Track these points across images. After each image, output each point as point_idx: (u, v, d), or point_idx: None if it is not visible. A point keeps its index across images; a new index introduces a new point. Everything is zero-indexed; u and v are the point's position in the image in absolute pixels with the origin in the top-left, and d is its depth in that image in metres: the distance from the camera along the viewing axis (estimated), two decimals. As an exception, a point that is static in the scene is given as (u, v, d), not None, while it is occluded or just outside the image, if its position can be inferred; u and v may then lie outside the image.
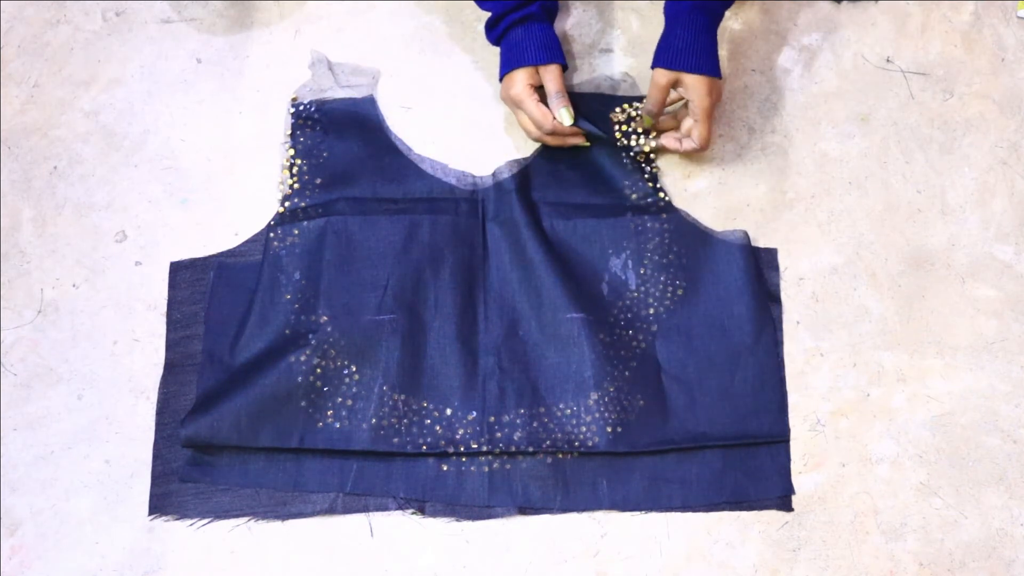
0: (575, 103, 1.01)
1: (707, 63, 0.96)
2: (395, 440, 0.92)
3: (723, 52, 1.10)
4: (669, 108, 1.03)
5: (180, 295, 0.99)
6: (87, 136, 1.07)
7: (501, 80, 1.01)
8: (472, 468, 0.93)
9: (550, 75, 0.99)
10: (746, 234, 1.00)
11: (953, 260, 1.02)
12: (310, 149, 1.04)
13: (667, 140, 1.02)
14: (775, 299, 1.00)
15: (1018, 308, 1.00)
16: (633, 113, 1.04)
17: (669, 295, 0.98)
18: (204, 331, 0.97)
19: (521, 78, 0.98)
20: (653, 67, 0.97)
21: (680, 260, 1.00)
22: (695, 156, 1.05)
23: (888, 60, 1.10)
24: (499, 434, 0.93)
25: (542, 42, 0.99)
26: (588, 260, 0.99)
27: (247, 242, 1.01)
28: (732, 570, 0.91)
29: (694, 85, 0.96)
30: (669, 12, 0.98)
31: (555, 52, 0.99)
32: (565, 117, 0.99)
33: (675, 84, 0.97)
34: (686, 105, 0.99)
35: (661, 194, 1.02)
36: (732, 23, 1.11)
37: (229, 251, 1.01)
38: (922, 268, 1.01)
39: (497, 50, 1.04)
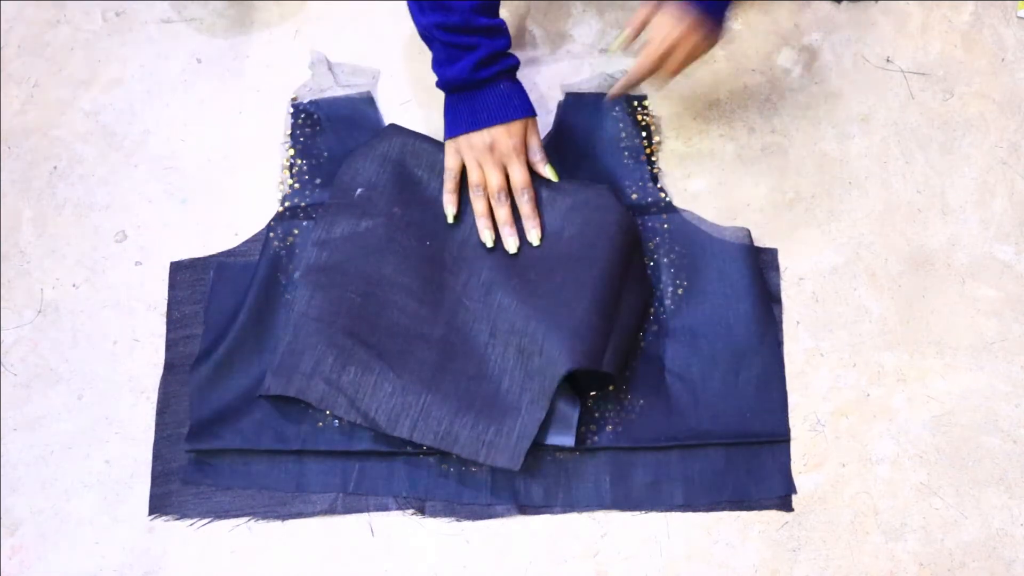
0: (573, 104, 1.02)
1: None
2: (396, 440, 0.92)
3: (723, 52, 1.10)
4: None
5: (180, 295, 0.99)
6: (87, 136, 1.07)
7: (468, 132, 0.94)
8: (473, 468, 0.93)
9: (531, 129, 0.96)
10: (748, 232, 1.00)
11: (953, 260, 1.02)
12: (310, 149, 1.04)
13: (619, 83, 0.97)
14: (775, 299, 0.99)
15: (1018, 308, 1.00)
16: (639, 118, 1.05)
17: (670, 294, 0.98)
18: (204, 331, 0.97)
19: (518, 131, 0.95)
20: None
21: (681, 259, 0.99)
22: (695, 156, 1.05)
23: (888, 60, 1.10)
24: (500, 434, 0.92)
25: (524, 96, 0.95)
26: (589, 260, 0.99)
27: (247, 242, 1.01)
28: (732, 570, 0.91)
29: (669, 10, 0.90)
30: None
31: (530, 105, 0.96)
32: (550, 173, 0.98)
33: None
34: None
35: (661, 194, 1.02)
36: (732, 23, 1.11)
37: (229, 251, 1.01)
38: (922, 268, 1.01)
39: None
